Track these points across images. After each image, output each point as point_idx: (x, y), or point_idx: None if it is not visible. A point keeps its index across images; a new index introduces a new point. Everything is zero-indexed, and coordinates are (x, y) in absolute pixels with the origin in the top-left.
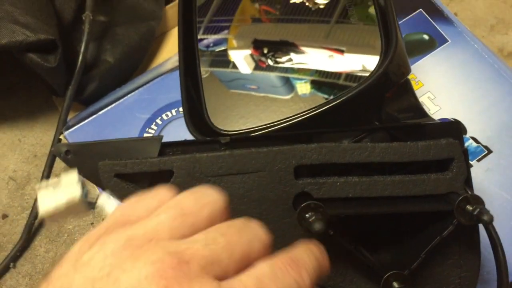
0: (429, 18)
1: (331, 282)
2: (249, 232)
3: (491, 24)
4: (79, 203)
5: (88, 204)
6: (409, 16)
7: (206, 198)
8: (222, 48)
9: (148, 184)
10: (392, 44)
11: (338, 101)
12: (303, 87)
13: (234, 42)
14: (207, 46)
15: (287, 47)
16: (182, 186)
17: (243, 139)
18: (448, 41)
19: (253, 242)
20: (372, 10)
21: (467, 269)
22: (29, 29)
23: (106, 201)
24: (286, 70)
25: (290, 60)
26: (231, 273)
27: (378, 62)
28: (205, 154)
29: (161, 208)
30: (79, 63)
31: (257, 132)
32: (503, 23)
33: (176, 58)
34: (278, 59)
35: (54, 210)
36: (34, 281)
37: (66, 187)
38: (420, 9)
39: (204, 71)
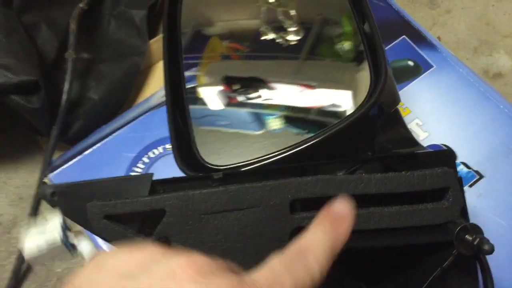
0: (413, 45)
1: None
2: None
3: (475, 46)
4: (60, 246)
5: (71, 248)
6: (393, 43)
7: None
8: (192, 85)
9: (139, 224)
10: (382, 74)
11: (330, 132)
12: (275, 123)
13: (205, 79)
14: None
15: (258, 83)
16: (175, 225)
17: (236, 174)
18: (433, 66)
19: None
20: (341, 45)
21: None
22: (10, 71)
23: (86, 246)
24: (257, 105)
25: (260, 96)
26: None
27: (368, 92)
28: (198, 191)
29: None
30: (63, 102)
31: (250, 166)
32: (487, 45)
33: (161, 93)
34: (248, 95)
35: (38, 254)
36: None
37: (49, 230)
38: (404, 36)
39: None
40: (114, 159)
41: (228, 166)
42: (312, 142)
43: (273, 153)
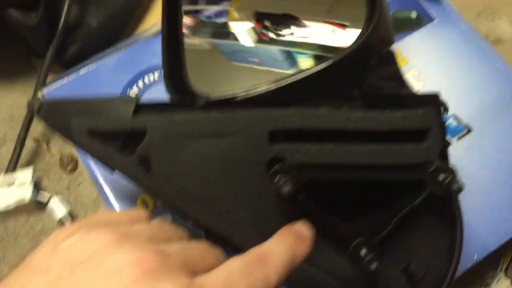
0: None
1: None
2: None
3: (478, 10)
4: (29, 203)
5: (38, 205)
6: None
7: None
8: (223, 20)
9: (121, 144)
10: (376, 12)
11: (319, 68)
12: (306, 62)
13: (236, 14)
14: (208, 17)
15: (290, 20)
16: (156, 146)
17: (220, 102)
18: (435, 19)
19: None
20: None
21: (439, 242)
22: None
23: (57, 205)
24: (288, 44)
25: (292, 34)
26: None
27: (362, 30)
28: (179, 115)
29: (141, 221)
30: (61, 23)
31: (234, 97)
32: (490, 9)
33: None
34: (280, 33)
35: (5, 209)
36: None
37: (19, 186)
38: None
39: (205, 42)
40: (110, 80)
41: (215, 95)
42: (299, 77)
43: (259, 86)
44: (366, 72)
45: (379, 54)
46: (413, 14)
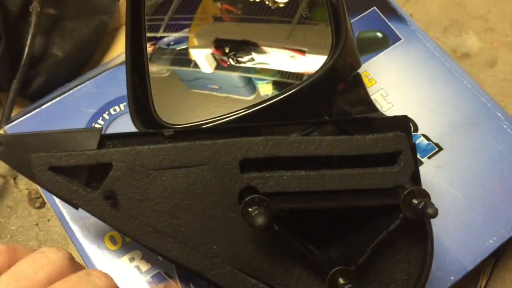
0: (383, 16)
1: (277, 280)
2: (87, 284)
3: (445, 25)
4: None
5: None
6: (363, 14)
7: (42, 260)
8: (183, 46)
9: (86, 179)
10: (342, 37)
11: (288, 93)
12: (265, 88)
13: (195, 41)
14: (168, 45)
15: (249, 46)
16: (122, 180)
17: (188, 132)
18: (401, 39)
19: None
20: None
21: (415, 265)
22: None
23: None
24: (248, 70)
25: (252, 60)
26: None
27: (328, 55)
28: (146, 147)
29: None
30: (24, 55)
31: (204, 125)
32: (457, 25)
33: None
34: (239, 59)
35: None
36: None
37: None
38: (374, 7)
39: (165, 69)
40: (74, 114)
41: (182, 125)
42: (268, 103)
43: (229, 113)
44: (334, 96)
45: (347, 78)
46: (379, 34)
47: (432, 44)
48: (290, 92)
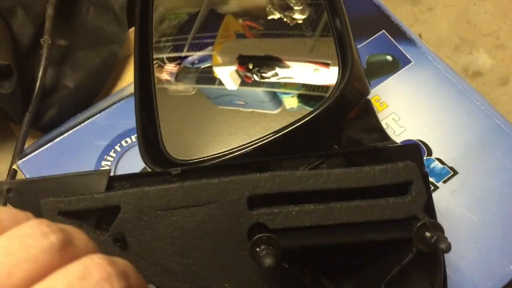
0: (392, 40)
1: None
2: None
3: (455, 44)
4: None
5: None
6: (371, 38)
7: (21, 252)
8: (207, 64)
9: (95, 222)
10: (348, 66)
11: (294, 126)
12: (291, 101)
13: (219, 59)
14: (192, 63)
15: (273, 61)
16: (130, 222)
17: (195, 170)
18: (411, 62)
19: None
20: None
21: None
22: None
23: None
24: (273, 85)
25: (276, 74)
26: None
27: (335, 85)
28: (153, 188)
29: None
30: (36, 88)
31: (211, 160)
32: (467, 43)
33: None
34: (264, 74)
35: None
36: None
37: None
38: (383, 31)
39: (191, 88)
40: (86, 147)
41: (191, 161)
42: (274, 137)
43: (235, 148)
44: (343, 125)
45: (356, 106)
46: (389, 58)
47: (442, 65)
48: (298, 125)
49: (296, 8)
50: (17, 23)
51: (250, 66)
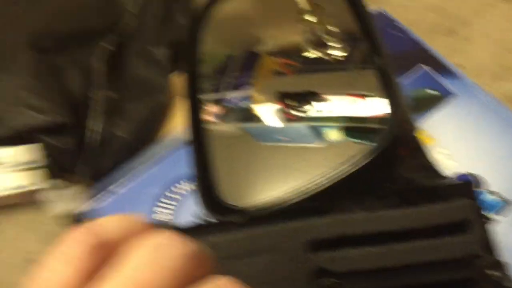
0: (433, 74)
1: None
2: None
3: (494, 71)
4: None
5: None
6: (413, 73)
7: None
8: (248, 103)
9: None
10: (395, 106)
11: (347, 172)
12: (333, 134)
13: (259, 97)
14: (233, 103)
15: (311, 96)
16: None
17: (256, 217)
18: (454, 95)
19: None
20: None
21: None
22: (42, 113)
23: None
24: (313, 119)
25: (316, 109)
26: None
27: (382, 126)
28: (216, 237)
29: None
30: (90, 140)
31: (268, 207)
32: (508, 70)
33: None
34: (303, 109)
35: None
36: None
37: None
38: (423, 65)
39: (233, 127)
40: (145, 196)
41: (248, 207)
42: (325, 183)
43: (289, 193)
44: (395, 164)
45: (406, 144)
46: (432, 92)
47: (485, 96)
48: (349, 170)
49: (332, 44)
50: (70, 80)
51: (290, 102)
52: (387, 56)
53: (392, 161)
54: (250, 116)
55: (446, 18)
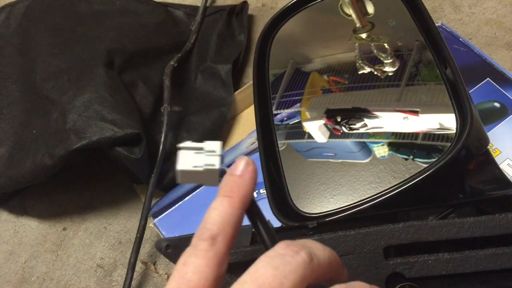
0: (498, 86)
1: None
2: None
3: None
4: (214, 174)
5: (218, 181)
6: (477, 86)
7: (289, 265)
8: (296, 120)
9: (242, 272)
10: (468, 117)
11: (419, 178)
12: (381, 150)
13: (307, 114)
14: (281, 121)
15: (360, 113)
16: None
17: (330, 223)
18: None
19: None
20: None
21: None
22: (117, 125)
23: None
24: (362, 135)
25: (365, 125)
26: None
27: (455, 136)
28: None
29: (239, 283)
30: (160, 152)
31: (341, 213)
32: None
33: (250, 140)
34: (352, 126)
35: (191, 171)
36: None
37: (207, 155)
38: (488, 78)
39: (281, 143)
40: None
41: (321, 214)
42: (399, 190)
43: (361, 200)
44: (466, 176)
45: (478, 156)
46: (497, 105)
47: None
48: (421, 177)
49: (386, 61)
50: (139, 95)
51: (339, 119)
52: (456, 68)
53: (461, 171)
54: (297, 133)
55: (504, 32)
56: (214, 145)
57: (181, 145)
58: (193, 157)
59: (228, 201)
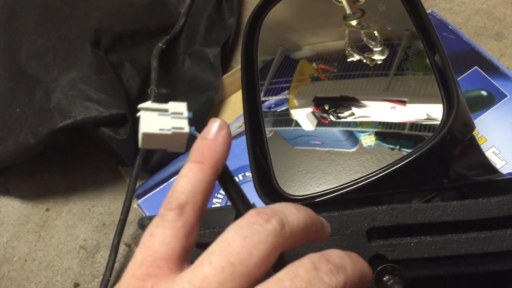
0: (486, 75)
1: None
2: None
3: None
4: (182, 138)
5: (186, 145)
6: (465, 74)
7: (258, 235)
8: (284, 108)
9: None
10: (454, 102)
11: (405, 161)
12: (368, 139)
13: (295, 101)
14: (269, 108)
15: (348, 102)
16: None
17: (314, 205)
18: (506, 96)
19: None
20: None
21: None
22: (102, 105)
23: None
24: (349, 124)
25: (352, 114)
26: None
27: (441, 121)
28: None
29: (207, 254)
30: None
31: (326, 196)
32: None
33: (237, 124)
34: (340, 114)
35: (156, 134)
36: None
37: (173, 117)
38: (476, 67)
39: (268, 130)
40: None
41: (306, 196)
42: (384, 173)
43: (347, 183)
44: (451, 161)
45: (463, 141)
46: (484, 93)
47: None
48: (407, 160)
49: (375, 49)
50: (126, 76)
51: (326, 107)
52: (445, 54)
53: (446, 155)
54: (284, 120)
55: (494, 22)
56: (180, 106)
57: (142, 105)
58: (157, 119)
59: (198, 167)
